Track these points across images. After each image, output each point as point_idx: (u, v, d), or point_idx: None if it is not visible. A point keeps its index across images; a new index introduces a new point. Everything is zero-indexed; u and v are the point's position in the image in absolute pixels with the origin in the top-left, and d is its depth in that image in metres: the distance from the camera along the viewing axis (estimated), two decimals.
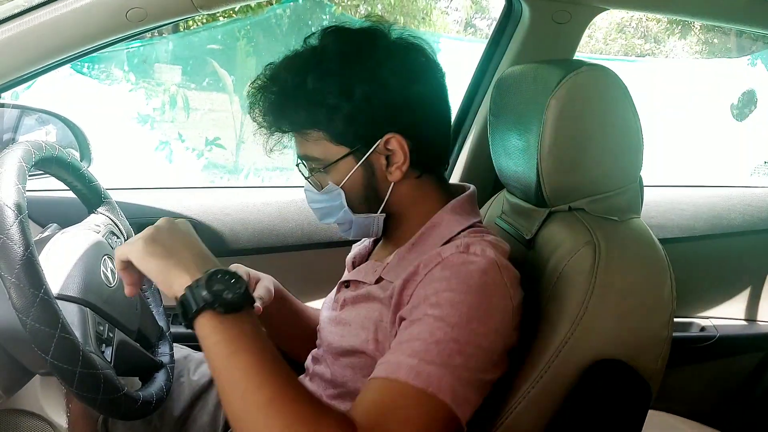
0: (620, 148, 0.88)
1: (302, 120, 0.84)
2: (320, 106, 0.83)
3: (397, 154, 0.85)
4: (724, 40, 6.21)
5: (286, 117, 0.85)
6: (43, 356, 0.73)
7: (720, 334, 1.69)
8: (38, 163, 0.86)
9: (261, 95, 0.86)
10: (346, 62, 0.83)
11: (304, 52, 0.86)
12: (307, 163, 0.90)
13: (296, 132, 0.87)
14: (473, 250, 0.78)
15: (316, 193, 0.90)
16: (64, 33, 1.06)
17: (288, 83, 0.84)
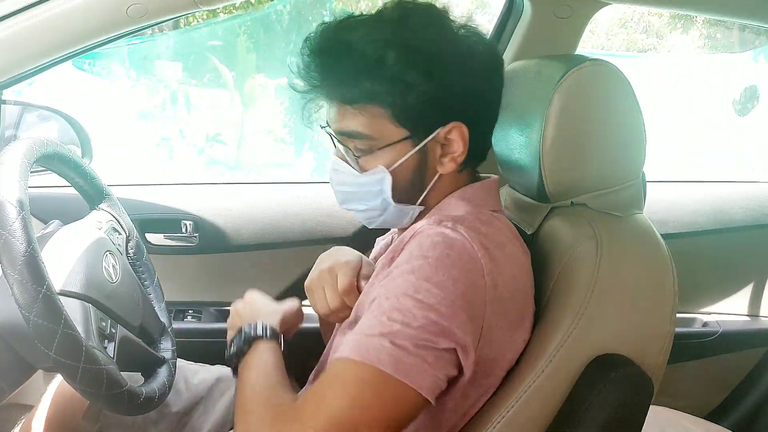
0: (623, 144, 0.88)
1: (367, 92, 0.78)
2: (395, 82, 0.77)
3: (455, 145, 0.82)
4: (727, 35, 6.19)
5: (349, 86, 0.79)
6: (46, 352, 0.73)
7: (722, 329, 1.69)
8: (40, 160, 0.86)
9: (322, 58, 0.80)
10: (433, 42, 0.79)
11: (383, 21, 0.80)
12: (352, 140, 0.82)
13: (352, 104, 0.80)
14: (445, 224, 0.77)
15: (354, 175, 0.84)
16: (65, 29, 1.06)
17: (366, 53, 0.77)
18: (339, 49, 0.79)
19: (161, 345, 1.05)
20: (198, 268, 1.54)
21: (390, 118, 0.80)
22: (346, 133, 0.82)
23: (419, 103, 0.79)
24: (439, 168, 0.84)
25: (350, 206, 0.89)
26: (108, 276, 0.92)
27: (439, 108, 0.80)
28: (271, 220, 1.54)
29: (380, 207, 0.85)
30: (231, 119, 4.66)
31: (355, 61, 0.78)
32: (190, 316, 1.54)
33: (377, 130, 0.80)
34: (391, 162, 0.82)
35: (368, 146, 0.81)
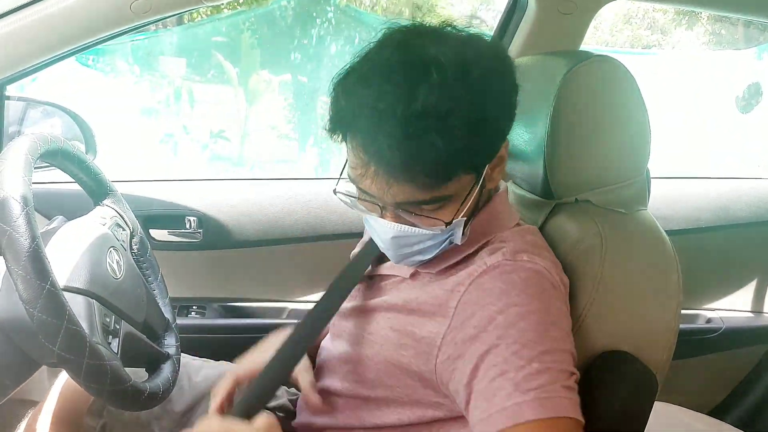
0: (627, 140, 0.88)
1: (457, 162, 0.70)
2: (474, 139, 0.70)
3: (502, 159, 0.79)
4: (732, 31, 6.16)
5: (441, 165, 0.69)
6: (50, 347, 0.73)
7: (726, 326, 1.68)
8: (44, 156, 0.86)
9: (407, 145, 0.67)
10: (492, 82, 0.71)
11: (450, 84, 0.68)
12: (428, 206, 0.74)
13: (444, 182, 0.71)
14: (520, 257, 0.76)
15: (429, 235, 0.76)
16: (69, 25, 1.06)
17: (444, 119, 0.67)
18: (418, 124, 0.67)
19: (165, 341, 1.05)
20: (202, 264, 1.54)
21: (465, 171, 0.73)
22: (418, 202, 0.73)
23: (494, 147, 0.75)
24: (489, 184, 0.80)
25: (412, 259, 0.81)
26: (112, 272, 0.92)
27: (503, 137, 0.77)
28: (275, 216, 1.54)
29: (446, 246, 0.79)
30: (235, 115, 4.66)
31: (443, 134, 0.67)
32: (194, 311, 1.54)
33: (455, 188, 0.73)
34: (466, 208, 0.76)
35: (445, 205, 0.74)
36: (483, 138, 0.71)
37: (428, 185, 0.71)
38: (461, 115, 0.68)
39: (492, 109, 0.71)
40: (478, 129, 0.69)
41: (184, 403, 1.09)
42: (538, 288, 0.73)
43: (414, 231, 0.75)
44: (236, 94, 4.71)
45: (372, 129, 0.69)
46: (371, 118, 0.68)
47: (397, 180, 0.70)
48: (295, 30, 4.65)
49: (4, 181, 0.76)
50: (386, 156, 0.68)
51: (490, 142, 0.74)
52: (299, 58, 4.67)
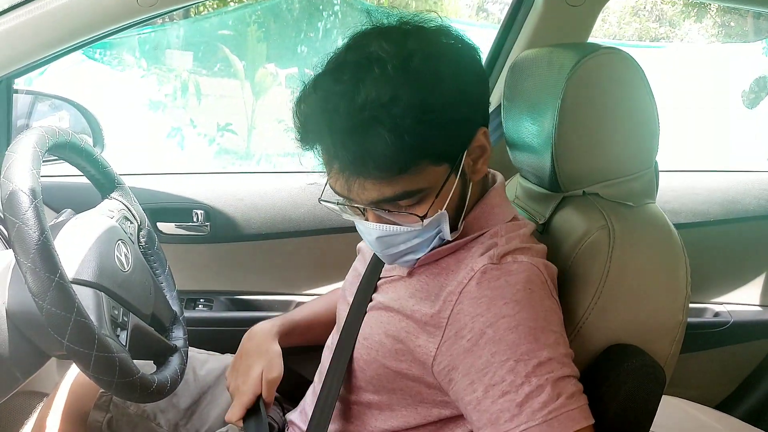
0: (636, 133, 0.87)
1: (409, 155, 0.70)
2: (426, 131, 0.70)
3: (481, 148, 0.79)
4: (741, 23, 6.10)
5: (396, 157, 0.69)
6: (59, 340, 0.73)
7: (734, 319, 1.68)
8: (52, 149, 0.87)
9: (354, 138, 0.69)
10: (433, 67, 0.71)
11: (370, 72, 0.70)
12: (402, 201, 0.74)
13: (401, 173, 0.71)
14: (505, 260, 0.76)
15: (412, 232, 0.76)
16: (76, 19, 1.06)
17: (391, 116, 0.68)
18: (367, 124, 0.68)
19: (173, 333, 1.06)
20: (209, 256, 1.55)
21: (431, 163, 0.73)
22: (391, 199, 0.74)
23: (454, 135, 0.74)
24: (473, 176, 0.81)
25: (404, 260, 0.82)
26: (120, 265, 0.92)
27: (468, 125, 0.76)
28: (282, 209, 1.54)
29: (437, 244, 0.80)
30: (242, 109, 4.67)
31: (390, 130, 0.68)
32: (201, 304, 1.55)
33: (425, 180, 0.74)
34: (444, 201, 0.76)
35: (420, 199, 0.75)
36: (437, 127, 0.71)
37: (389, 179, 0.71)
38: (405, 105, 0.68)
39: (441, 95, 0.71)
40: (428, 117, 0.70)
41: (189, 396, 1.09)
42: (525, 292, 0.73)
43: (396, 229, 0.76)
44: (243, 88, 4.71)
45: (325, 130, 0.71)
46: (323, 119, 0.71)
47: (357, 177, 0.72)
48: (302, 23, 4.65)
49: (13, 174, 0.76)
50: (340, 153, 0.70)
51: (450, 131, 0.73)
52: (306, 51, 4.67)
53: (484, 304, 0.72)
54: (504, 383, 0.68)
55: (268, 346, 1.00)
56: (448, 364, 0.74)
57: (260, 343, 1.00)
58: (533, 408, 0.67)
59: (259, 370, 0.96)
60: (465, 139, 0.77)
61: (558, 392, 0.67)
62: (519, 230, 0.82)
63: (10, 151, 0.79)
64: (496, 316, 0.71)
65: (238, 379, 0.98)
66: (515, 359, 0.69)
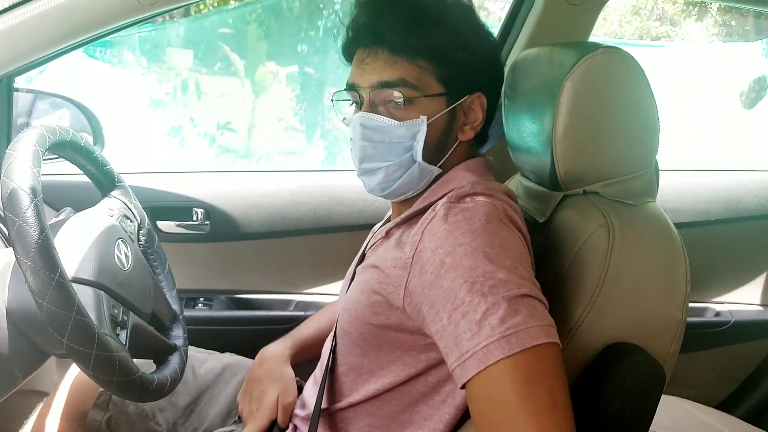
0: (636, 132, 0.87)
1: (425, 44, 0.82)
2: (452, 40, 0.82)
3: (475, 114, 0.88)
4: (742, 22, 6.10)
5: (409, 35, 0.81)
6: (59, 338, 0.73)
7: (735, 319, 1.68)
8: (52, 147, 0.87)
9: (384, 2, 0.83)
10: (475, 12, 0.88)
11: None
12: (394, 89, 0.83)
13: (405, 54, 0.82)
14: (464, 200, 0.79)
15: (391, 125, 0.84)
16: (77, 17, 1.06)
17: (431, 5, 0.83)
18: (400, 3, 0.82)
19: (173, 332, 1.06)
20: (209, 255, 1.55)
21: (433, 72, 0.83)
22: (389, 83, 0.83)
23: (463, 64, 0.84)
24: (460, 135, 0.88)
25: (372, 164, 0.87)
26: (120, 263, 0.92)
27: (474, 75, 0.86)
28: (282, 208, 1.54)
29: (405, 164, 0.86)
30: (242, 107, 4.67)
31: (421, 12, 0.82)
32: (201, 303, 1.55)
33: (422, 81, 0.83)
34: (429, 114, 0.84)
35: (410, 95, 0.83)
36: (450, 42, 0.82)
37: (395, 56, 0.82)
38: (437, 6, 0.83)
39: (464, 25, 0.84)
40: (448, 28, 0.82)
41: (188, 395, 1.09)
42: (480, 222, 0.75)
43: (379, 118, 0.84)
44: (243, 86, 4.71)
45: (366, 6, 0.85)
46: None
47: (374, 48, 0.83)
48: (302, 21, 4.64)
49: (13, 173, 0.76)
50: (369, 23, 0.83)
51: (461, 58, 0.83)
52: (306, 49, 4.67)
53: (443, 237, 0.75)
54: (463, 305, 0.70)
55: (282, 371, 1.01)
56: (417, 300, 0.76)
57: (273, 368, 1.02)
58: (491, 324, 0.67)
59: (274, 395, 0.98)
60: (468, 81, 0.86)
61: (515, 308, 0.68)
62: (487, 183, 0.85)
63: (10, 150, 0.79)
64: (454, 245, 0.73)
65: (252, 404, 0.99)
66: (472, 281, 0.70)
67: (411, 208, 0.88)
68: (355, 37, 0.86)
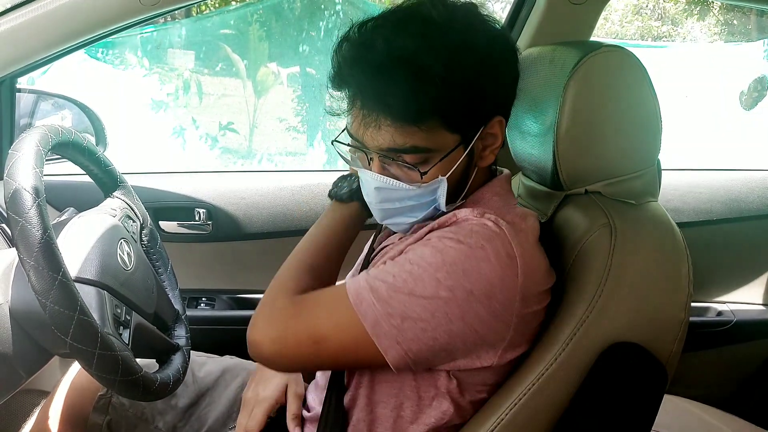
0: (638, 131, 0.87)
1: (431, 107, 0.73)
2: (457, 92, 0.74)
3: (494, 138, 0.82)
4: (744, 21, 6.09)
5: (413, 103, 0.73)
6: (63, 338, 0.73)
7: (737, 318, 1.67)
8: (55, 148, 0.87)
9: (378, 77, 0.73)
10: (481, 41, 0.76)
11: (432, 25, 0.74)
12: (408, 156, 0.77)
13: (413, 122, 0.74)
14: (488, 217, 0.77)
15: (409, 190, 0.79)
16: (79, 18, 1.06)
17: (428, 65, 0.72)
18: (400, 66, 0.72)
19: (175, 332, 1.06)
20: (211, 255, 1.55)
21: (444, 126, 0.76)
22: (398, 150, 0.76)
23: (475, 107, 0.77)
24: (479, 162, 0.84)
25: (394, 221, 0.85)
26: (123, 263, 0.92)
27: (487, 106, 0.79)
28: (284, 208, 1.54)
29: (430, 213, 0.82)
30: (243, 108, 4.67)
31: (420, 77, 0.72)
32: (203, 303, 1.55)
33: (435, 141, 0.76)
34: (447, 170, 0.78)
35: (425, 159, 0.77)
36: (461, 89, 0.74)
37: (402, 126, 0.74)
38: (437, 57, 0.72)
39: (472, 63, 0.75)
40: (455, 76, 0.73)
41: (187, 398, 1.09)
42: (475, 241, 0.74)
43: (395, 184, 0.79)
44: (245, 87, 4.71)
45: (359, 64, 0.75)
46: (359, 54, 0.75)
47: (375, 116, 0.75)
48: (303, 22, 4.64)
49: (16, 173, 0.76)
50: (366, 87, 0.75)
51: (471, 100, 0.76)
52: (307, 50, 4.67)
53: (443, 231, 0.77)
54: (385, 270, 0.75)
55: None
56: None
57: None
58: (371, 283, 0.75)
59: (284, 381, 0.97)
60: (482, 115, 0.79)
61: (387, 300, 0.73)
62: (514, 210, 0.83)
63: (13, 150, 0.79)
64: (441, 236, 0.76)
65: (257, 387, 0.97)
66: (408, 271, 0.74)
67: None
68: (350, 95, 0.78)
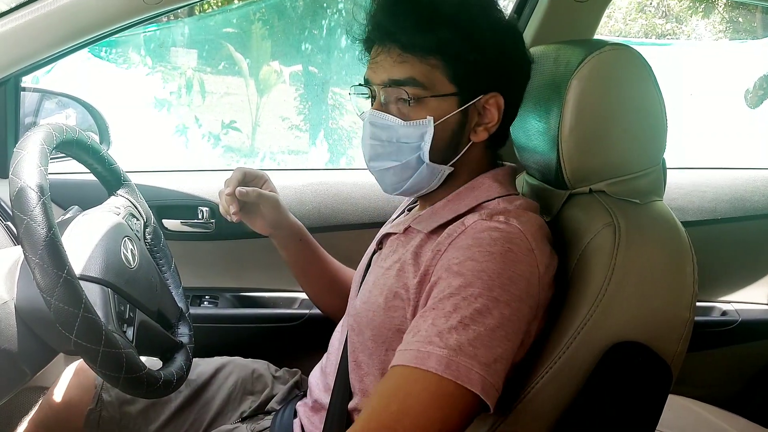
0: (643, 130, 0.87)
1: (436, 42, 0.79)
2: (464, 38, 0.80)
3: (490, 115, 0.85)
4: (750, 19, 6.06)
5: (420, 33, 0.79)
6: (67, 335, 0.74)
7: (742, 318, 1.67)
8: (59, 146, 0.87)
9: (405, 5, 0.81)
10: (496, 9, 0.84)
11: None
12: (402, 87, 0.82)
13: (415, 51, 0.80)
14: (497, 218, 0.78)
15: (398, 124, 0.83)
16: (83, 17, 1.06)
17: (443, 3, 0.80)
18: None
19: (179, 330, 1.06)
20: (214, 254, 1.55)
21: (445, 72, 0.81)
22: (398, 81, 0.82)
23: (476, 63, 0.81)
24: (472, 136, 0.86)
25: (379, 163, 0.87)
26: (126, 261, 0.92)
27: (490, 74, 0.83)
28: (287, 206, 1.53)
29: (414, 165, 0.85)
30: (246, 106, 4.67)
31: (432, 11, 0.79)
32: (206, 301, 1.55)
33: (432, 80, 0.81)
34: (437, 114, 0.82)
35: (419, 94, 0.82)
36: (463, 40, 0.79)
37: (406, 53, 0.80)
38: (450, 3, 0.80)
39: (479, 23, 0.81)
40: (461, 25, 0.80)
41: (180, 399, 1.10)
42: (502, 247, 0.75)
43: (386, 117, 0.83)
44: (247, 85, 4.71)
45: None
46: None
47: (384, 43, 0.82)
48: (306, 21, 4.64)
49: (21, 171, 0.76)
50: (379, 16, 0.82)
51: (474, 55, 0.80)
52: (310, 48, 4.67)
53: (462, 249, 0.77)
54: (441, 308, 0.73)
55: None
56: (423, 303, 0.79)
57: None
58: (448, 341, 0.70)
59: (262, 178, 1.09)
60: (482, 79, 0.83)
61: (478, 345, 0.70)
62: (515, 201, 0.85)
63: (18, 149, 0.79)
64: (467, 257, 0.75)
65: None
66: (462, 296, 0.72)
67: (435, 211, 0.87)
68: (369, 34, 0.85)
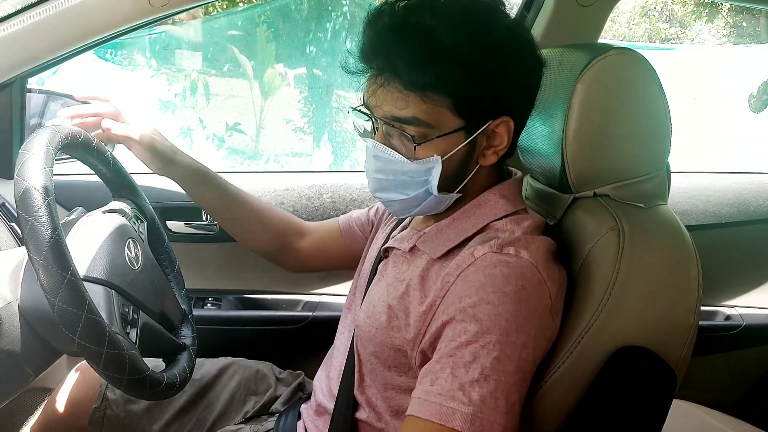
0: (648, 134, 0.87)
1: (437, 79, 0.75)
2: (467, 71, 0.75)
3: (500, 138, 0.82)
4: (754, 23, 6.06)
5: (420, 70, 0.75)
6: (71, 337, 0.74)
7: (746, 323, 1.66)
8: (64, 147, 0.87)
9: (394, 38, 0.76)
10: (501, 33, 0.78)
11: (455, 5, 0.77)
12: (406, 127, 0.78)
13: (417, 90, 0.76)
14: (507, 251, 0.77)
15: (403, 163, 0.80)
16: (89, 19, 1.07)
17: (442, 38, 0.75)
18: (414, 30, 0.76)
19: (182, 332, 1.06)
20: (218, 255, 1.55)
21: (450, 107, 0.78)
22: (401, 119, 0.78)
23: (482, 94, 0.78)
24: (481, 160, 0.84)
25: (385, 195, 0.85)
26: (130, 263, 0.92)
27: (497, 101, 0.80)
28: (291, 208, 1.54)
29: (422, 197, 0.83)
30: (250, 109, 4.68)
31: (430, 44, 0.75)
32: (209, 303, 1.55)
33: (436, 118, 0.78)
34: (444, 151, 0.80)
35: (424, 134, 0.79)
36: (467, 72, 0.76)
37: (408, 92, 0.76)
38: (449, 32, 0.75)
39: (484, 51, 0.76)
40: (463, 56, 0.75)
41: (184, 398, 1.10)
42: (515, 286, 0.74)
43: (391, 154, 0.81)
44: (252, 88, 4.72)
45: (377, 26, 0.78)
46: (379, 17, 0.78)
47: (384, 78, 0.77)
48: (311, 23, 4.65)
49: (26, 172, 0.76)
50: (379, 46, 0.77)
51: (480, 84, 0.77)
52: (314, 51, 4.67)
53: (475, 287, 0.75)
54: (461, 357, 0.72)
55: None
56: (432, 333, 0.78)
57: None
58: (471, 395, 0.70)
59: None
60: (489, 107, 0.80)
61: (499, 395, 0.71)
62: (523, 222, 0.83)
63: (23, 150, 0.79)
64: (481, 300, 0.74)
65: None
66: (481, 344, 0.72)
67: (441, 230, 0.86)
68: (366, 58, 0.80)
